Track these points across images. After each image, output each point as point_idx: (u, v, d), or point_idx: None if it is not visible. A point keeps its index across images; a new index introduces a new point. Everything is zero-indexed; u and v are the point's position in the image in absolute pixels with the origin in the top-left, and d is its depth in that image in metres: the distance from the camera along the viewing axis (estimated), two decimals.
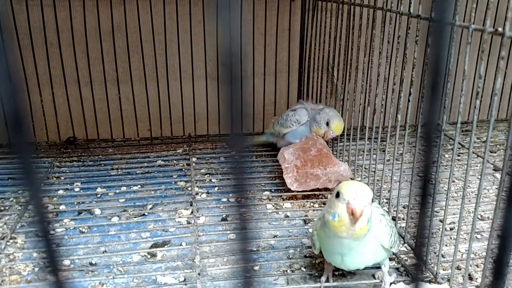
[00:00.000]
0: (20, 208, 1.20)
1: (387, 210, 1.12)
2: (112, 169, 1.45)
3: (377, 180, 1.25)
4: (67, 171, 1.43)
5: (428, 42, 0.83)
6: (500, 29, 0.63)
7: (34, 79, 1.54)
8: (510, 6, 0.61)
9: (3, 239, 1.06)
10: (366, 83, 1.15)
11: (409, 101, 0.92)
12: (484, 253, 1.00)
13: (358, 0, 1.15)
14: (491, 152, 1.57)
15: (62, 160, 1.50)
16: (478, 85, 0.69)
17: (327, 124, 1.35)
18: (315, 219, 1.06)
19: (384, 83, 1.04)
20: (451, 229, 1.10)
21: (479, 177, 1.06)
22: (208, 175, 1.41)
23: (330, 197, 0.80)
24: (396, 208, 1.11)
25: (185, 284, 0.92)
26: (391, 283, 0.89)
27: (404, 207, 1.21)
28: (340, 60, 1.31)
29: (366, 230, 0.76)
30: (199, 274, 0.93)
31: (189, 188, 1.31)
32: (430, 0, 0.84)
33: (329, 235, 0.80)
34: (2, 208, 1.21)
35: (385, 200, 1.21)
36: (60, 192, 1.30)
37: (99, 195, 1.28)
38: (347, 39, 1.25)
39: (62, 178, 1.39)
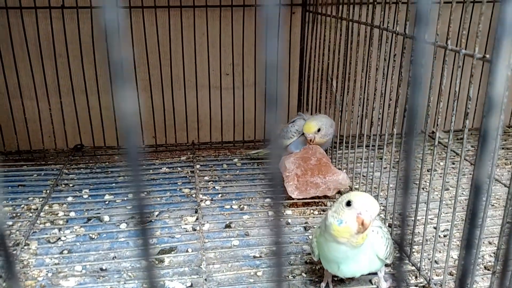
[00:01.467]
0: (31, 215, 1.25)
1: (384, 217, 1.17)
2: (119, 176, 1.50)
3: (374, 187, 1.30)
4: (75, 178, 1.48)
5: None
6: (487, 56, 0.69)
7: (43, 88, 1.59)
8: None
9: (17, 245, 1.11)
10: (364, 96, 1.21)
11: (404, 116, 0.98)
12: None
13: (356, 17, 1.20)
14: None
15: (70, 167, 1.56)
16: (468, 106, 0.74)
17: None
18: (315, 226, 1.11)
19: (380, 98, 1.10)
20: (444, 236, 1.16)
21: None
22: (211, 182, 1.46)
23: (337, 204, 0.84)
24: (392, 216, 1.16)
25: None
26: None
27: (400, 214, 1.26)
28: (339, 72, 1.36)
29: (364, 240, 0.82)
30: (205, 279, 0.98)
31: (194, 195, 1.36)
32: None
33: (328, 240, 0.85)
34: (14, 215, 1.26)
35: (381, 208, 1.26)
36: (70, 199, 1.35)
37: (107, 202, 1.33)
38: (345, 53, 1.30)
39: (71, 185, 1.44)
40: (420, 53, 0.28)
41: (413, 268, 1.02)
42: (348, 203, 0.81)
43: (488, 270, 1.03)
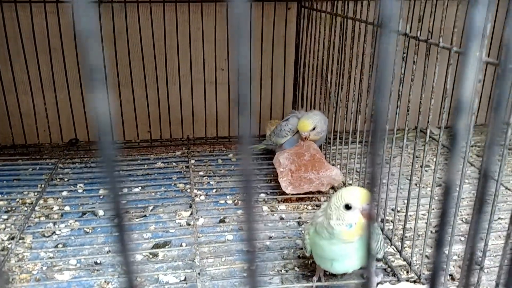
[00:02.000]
0: (26, 209, 1.26)
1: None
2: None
3: (367, 183, 1.31)
4: (70, 173, 1.48)
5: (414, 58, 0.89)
6: (477, 54, 0.69)
7: (38, 83, 1.59)
8: (486, 34, 0.67)
9: (12, 239, 1.11)
10: (358, 92, 1.21)
11: (396, 113, 0.98)
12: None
13: (350, 13, 1.20)
14: (478, 156, 1.64)
15: (65, 162, 1.56)
16: None
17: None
18: (308, 221, 1.12)
19: (374, 95, 1.10)
20: (436, 231, 1.17)
21: (466, 180, 1.12)
22: (206, 177, 1.47)
23: (335, 211, 0.85)
24: (384, 211, 1.17)
25: (186, 283, 0.98)
26: (378, 283, 0.95)
27: (392, 210, 1.27)
28: (334, 68, 1.37)
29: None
30: (199, 273, 0.99)
31: (188, 190, 1.37)
32: (417, 20, 0.90)
33: (331, 240, 0.87)
34: (9, 209, 1.27)
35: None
36: (64, 193, 1.36)
37: (102, 197, 1.34)
38: (340, 49, 1.31)
39: (66, 179, 1.44)
40: (387, 41, 0.28)
41: (404, 263, 1.03)
42: (347, 207, 0.83)
43: (478, 265, 1.04)
